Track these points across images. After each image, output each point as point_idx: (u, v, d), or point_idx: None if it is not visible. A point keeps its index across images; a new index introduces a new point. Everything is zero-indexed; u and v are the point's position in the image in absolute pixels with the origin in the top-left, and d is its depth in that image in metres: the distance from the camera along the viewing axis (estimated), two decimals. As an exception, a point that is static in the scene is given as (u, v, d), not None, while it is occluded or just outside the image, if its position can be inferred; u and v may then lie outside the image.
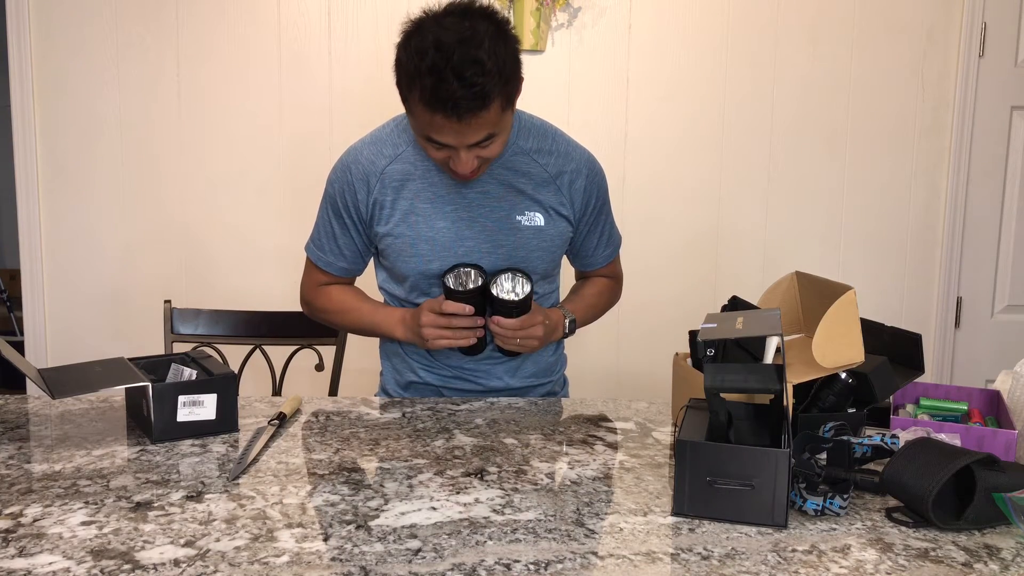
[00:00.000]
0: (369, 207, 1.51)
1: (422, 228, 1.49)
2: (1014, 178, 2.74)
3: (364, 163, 1.50)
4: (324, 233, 1.57)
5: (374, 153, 1.51)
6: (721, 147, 2.69)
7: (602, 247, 1.64)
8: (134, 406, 1.36)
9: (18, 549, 0.92)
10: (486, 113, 1.29)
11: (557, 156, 1.52)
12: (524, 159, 1.50)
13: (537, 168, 1.51)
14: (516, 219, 1.50)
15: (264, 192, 2.64)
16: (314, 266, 1.61)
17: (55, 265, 2.63)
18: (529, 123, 1.53)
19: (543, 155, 1.51)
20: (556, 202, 1.52)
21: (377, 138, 1.53)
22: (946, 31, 2.67)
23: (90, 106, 2.58)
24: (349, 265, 1.59)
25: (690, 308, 2.54)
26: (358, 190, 1.51)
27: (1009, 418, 1.27)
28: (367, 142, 1.53)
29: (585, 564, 0.90)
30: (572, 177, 1.53)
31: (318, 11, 2.57)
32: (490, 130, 1.33)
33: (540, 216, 1.51)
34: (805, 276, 1.37)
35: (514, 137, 1.50)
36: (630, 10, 2.61)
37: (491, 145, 1.37)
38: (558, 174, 1.52)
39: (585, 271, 1.71)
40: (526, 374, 1.61)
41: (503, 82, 1.29)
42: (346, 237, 1.55)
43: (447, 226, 1.49)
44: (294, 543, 0.94)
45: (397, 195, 1.49)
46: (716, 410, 1.05)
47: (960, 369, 2.80)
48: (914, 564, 0.92)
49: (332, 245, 1.57)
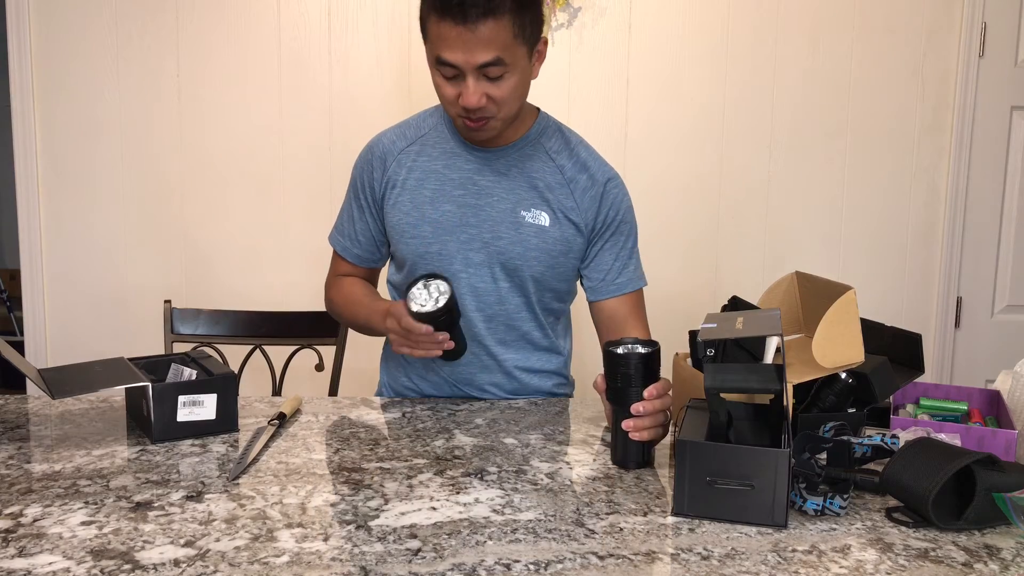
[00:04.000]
0: (383, 186, 1.53)
1: (428, 210, 1.50)
2: (1014, 178, 2.74)
3: (386, 143, 1.54)
4: (346, 218, 1.60)
5: (397, 135, 1.55)
6: (721, 147, 2.69)
7: (617, 271, 1.53)
8: (134, 406, 1.36)
9: (18, 549, 0.92)
10: (494, 23, 1.29)
11: (576, 162, 1.52)
12: (543, 156, 1.51)
13: (552, 168, 1.51)
14: (520, 214, 1.49)
15: (264, 192, 2.64)
16: (336, 255, 1.63)
17: (55, 265, 2.63)
18: (558, 127, 1.54)
19: (561, 157, 1.52)
20: (567, 206, 1.50)
21: (404, 123, 1.58)
22: (946, 31, 2.67)
23: (90, 106, 2.58)
24: (363, 252, 1.59)
25: (690, 308, 2.54)
26: (375, 168, 1.54)
27: (1009, 418, 1.27)
28: (392, 128, 1.58)
29: (585, 564, 0.90)
30: (587, 185, 1.51)
31: (318, 11, 2.57)
32: (498, 52, 1.31)
33: (546, 216, 1.49)
34: (805, 276, 1.37)
35: (538, 134, 1.51)
36: (630, 10, 2.61)
37: (501, 81, 1.35)
38: (573, 179, 1.50)
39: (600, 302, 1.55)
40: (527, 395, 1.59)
41: (516, 1, 1.31)
42: (362, 222, 1.57)
43: (452, 210, 1.49)
44: (294, 543, 0.94)
45: (409, 174, 1.51)
46: (716, 410, 1.05)
47: (960, 369, 2.80)
48: (914, 564, 0.92)
49: (351, 229, 1.59)
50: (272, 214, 2.64)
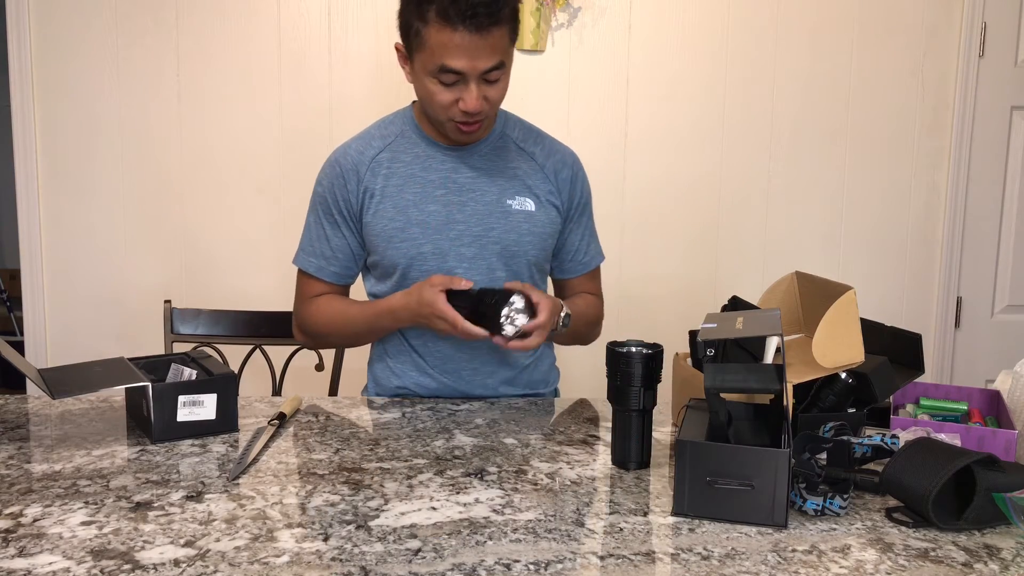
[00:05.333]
0: (360, 197, 1.52)
1: (413, 213, 1.50)
2: (1014, 178, 2.74)
3: (353, 155, 1.53)
4: (315, 237, 1.56)
5: (362, 145, 1.54)
6: (721, 147, 2.69)
7: (583, 251, 1.64)
8: (134, 406, 1.36)
9: (18, 549, 0.92)
10: (498, 31, 1.36)
11: (543, 147, 1.58)
12: (513, 148, 1.56)
13: (525, 156, 1.56)
14: (507, 203, 1.52)
15: (264, 192, 2.63)
16: (305, 277, 1.58)
17: (55, 265, 2.63)
18: (516, 118, 1.60)
19: (530, 144, 1.57)
20: (546, 190, 1.56)
21: (363, 135, 1.57)
22: (946, 31, 2.67)
23: (90, 106, 2.58)
24: (341, 268, 1.57)
25: (690, 308, 2.54)
26: (348, 180, 1.52)
27: (1009, 418, 1.27)
28: (352, 140, 1.57)
29: (585, 564, 0.90)
30: (558, 167, 1.58)
31: (318, 11, 2.57)
32: (500, 57, 1.38)
33: (531, 202, 1.54)
34: (805, 276, 1.37)
35: (502, 126, 1.56)
36: (630, 10, 2.61)
37: (497, 83, 1.41)
38: (545, 163, 1.57)
39: (566, 280, 1.67)
40: (522, 383, 1.61)
41: (511, 8, 1.38)
42: (338, 237, 1.55)
43: (438, 209, 1.50)
44: (294, 543, 0.94)
45: (387, 181, 1.51)
46: (716, 410, 1.05)
47: (960, 369, 2.80)
48: (914, 564, 0.92)
49: (324, 248, 1.55)
50: (272, 214, 2.64)
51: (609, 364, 1.19)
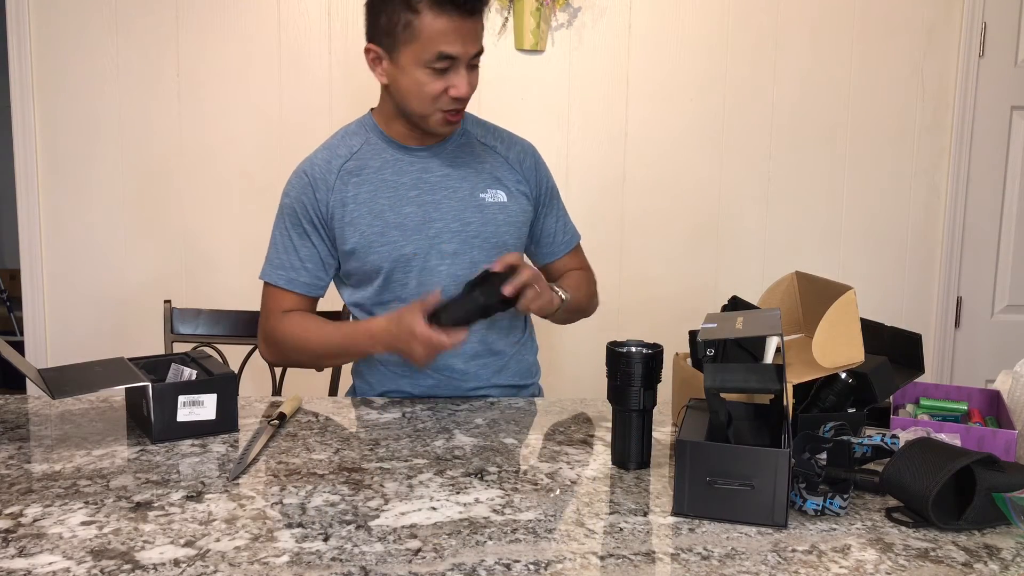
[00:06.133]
0: (330, 206, 1.51)
1: (389, 216, 1.51)
2: (1014, 178, 2.74)
3: (320, 164, 1.53)
4: (283, 249, 1.55)
5: (328, 155, 1.55)
6: (721, 147, 2.69)
7: (562, 231, 1.69)
8: (134, 406, 1.36)
9: (18, 549, 0.92)
10: (480, 16, 1.41)
11: (503, 141, 1.63)
12: (476, 144, 1.60)
13: (489, 151, 1.60)
14: (480, 196, 1.55)
15: (264, 191, 2.63)
16: (273, 291, 1.55)
17: (55, 265, 2.63)
18: (473, 116, 1.63)
19: (491, 139, 1.62)
20: (514, 180, 1.59)
21: (327, 146, 1.57)
22: (946, 31, 2.67)
23: (90, 106, 2.58)
24: (311, 278, 1.54)
25: (690, 308, 2.54)
26: (317, 190, 1.52)
27: (1009, 418, 1.27)
28: (317, 152, 1.57)
29: (585, 564, 0.90)
30: (521, 157, 1.62)
31: (318, 11, 2.57)
32: (482, 42, 1.44)
33: (502, 193, 1.57)
34: (805, 276, 1.37)
35: (463, 125, 1.59)
36: (630, 10, 2.61)
37: (476, 70, 1.46)
38: (508, 154, 1.61)
39: (551, 263, 1.70)
40: (510, 374, 1.61)
41: None
42: (307, 247, 1.53)
43: (414, 211, 1.52)
44: (294, 543, 0.94)
45: (358, 189, 1.51)
46: (716, 410, 1.05)
47: (960, 369, 2.80)
48: (914, 564, 0.92)
49: (293, 259, 1.53)
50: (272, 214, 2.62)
51: (609, 364, 1.19)
